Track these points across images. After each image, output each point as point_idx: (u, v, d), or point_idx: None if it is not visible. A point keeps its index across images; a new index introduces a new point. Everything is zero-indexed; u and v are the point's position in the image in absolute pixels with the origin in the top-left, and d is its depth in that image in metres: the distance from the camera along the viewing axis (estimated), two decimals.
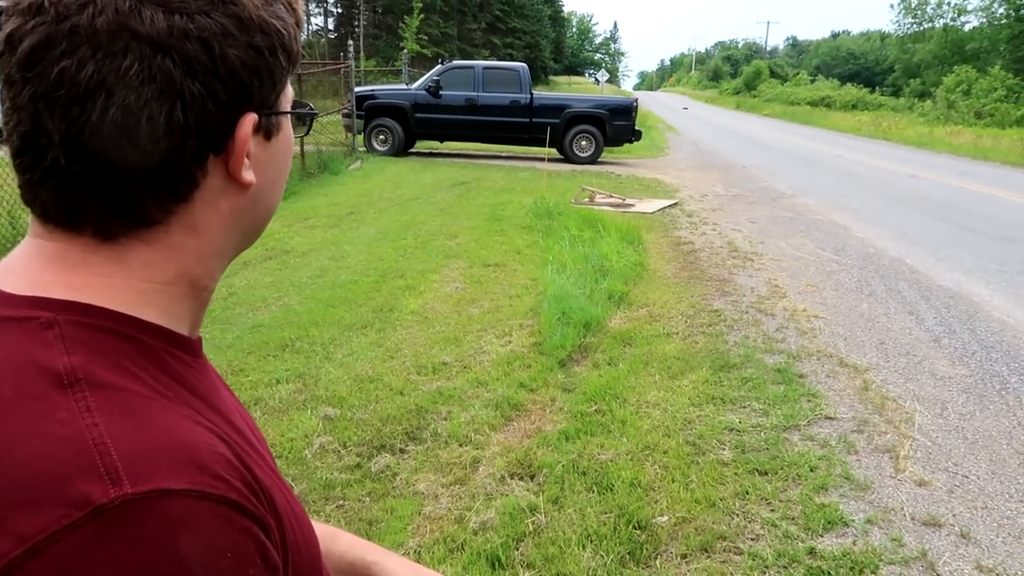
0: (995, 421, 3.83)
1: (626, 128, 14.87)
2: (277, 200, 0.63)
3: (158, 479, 0.44)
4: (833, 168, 15.89)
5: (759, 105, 48.77)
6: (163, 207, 0.52)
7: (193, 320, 0.58)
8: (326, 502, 2.86)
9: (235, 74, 0.52)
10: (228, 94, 0.52)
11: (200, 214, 0.54)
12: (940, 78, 34.91)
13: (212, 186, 0.54)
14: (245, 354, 4.27)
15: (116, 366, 0.49)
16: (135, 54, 0.48)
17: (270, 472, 0.55)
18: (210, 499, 0.45)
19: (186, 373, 0.54)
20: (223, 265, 0.60)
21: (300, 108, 0.63)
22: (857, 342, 4.93)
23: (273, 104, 0.57)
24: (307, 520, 0.61)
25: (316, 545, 0.61)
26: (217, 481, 0.46)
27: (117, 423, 0.45)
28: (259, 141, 0.57)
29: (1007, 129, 25.37)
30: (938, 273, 6.87)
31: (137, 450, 0.45)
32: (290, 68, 0.57)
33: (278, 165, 0.60)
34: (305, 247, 7.02)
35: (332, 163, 12.14)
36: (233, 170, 0.54)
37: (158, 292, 0.54)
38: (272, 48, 0.54)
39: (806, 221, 9.39)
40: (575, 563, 2.52)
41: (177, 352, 0.54)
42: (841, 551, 2.67)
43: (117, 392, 0.48)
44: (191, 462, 0.46)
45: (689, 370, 4.28)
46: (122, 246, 0.53)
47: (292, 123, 0.63)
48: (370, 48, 39.43)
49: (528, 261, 6.63)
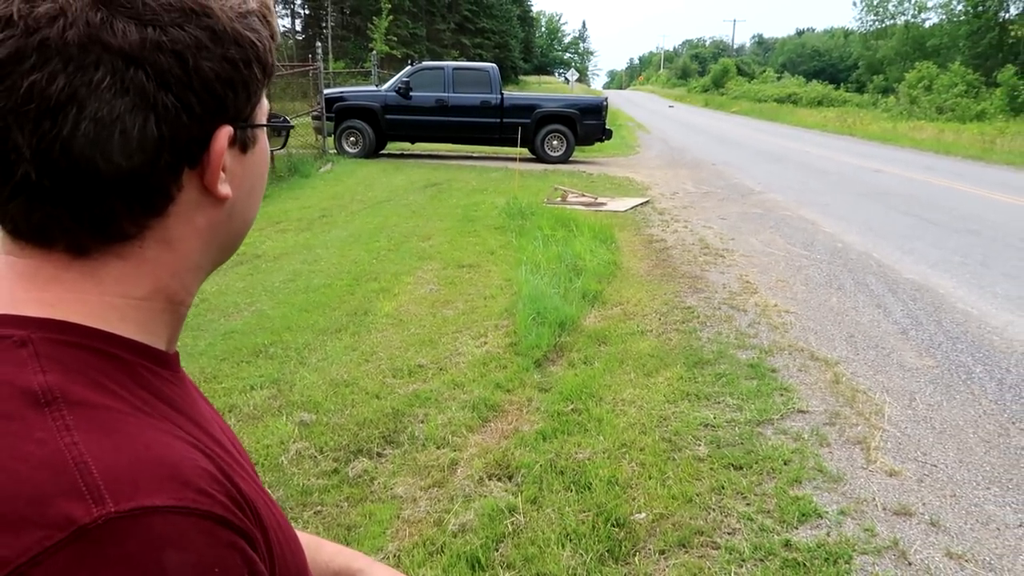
0: (962, 410, 3.91)
1: (597, 127, 14.93)
2: (254, 213, 0.62)
3: (141, 496, 0.43)
4: (801, 164, 16.11)
5: (727, 102, 49.27)
6: (137, 222, 0.52)
7: (170, 335, 0.58)
8: (304, 508, 2.85)
9: (209, 87, 0.51)
10: (203, 107, 0.51)
11: (175, 228, 0.54)
12: (902, 74, 35.50)
13: (187, 200, 0.53)
14: (218, 361, 4.23)
15: (93, 383, 0.48)
16: (107, 67, 0.47)
17: (253, 484, 0.55)
18: (194, 515, 0.45)
19: (165, 388, 0.53)
20: (200, 280, 0.59)
21: (276, 120, 0.62)
22: (827, 336, 5.01)
23: (249, 117, 0.56)
24: (292, 530, 0.60)
25: (302, 555, 0.61)
26: (201, 496, 0.46)
27: (97, 441, 0.45)
28: (235, 154, 0.56)
29: (968, 123, 25.90)
30: (904, 266, 7.01)
31: (118, 468, 0.44)
32: (266, 80, 0.57)
33: (254, 178, 0.60)
34: (277, 251, 6.96)
35: (302, 166, 12.06)
36: (209, 184, 0.54)
37: (134, 308, 0.53)
38: (247, 60, 0.53)
39: (775, 217, 9.51)
40: (555, 562, 2.54)
41: (155, 367, 0.54)
42: (816, 542, 2.71)
43: (95, 409, 0.47)
44: (174, 478, 0.45)
45: (664, 367, 4.32)
46: (96, 261, 0.52)
47: (268, 135, 0.62)
48: (339, 49, 39.14)
49: (502, 261, 6.64)
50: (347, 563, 0.82)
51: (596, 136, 15.10)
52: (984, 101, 28.80)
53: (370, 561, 0.84)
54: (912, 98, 31.65)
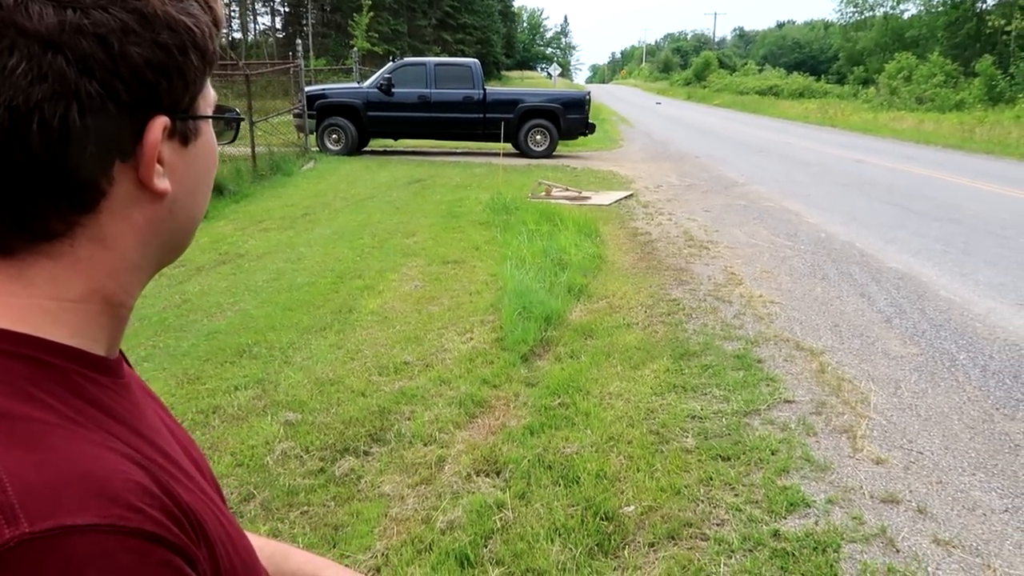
0: (946, 397, 3.94)
1: (580, 121, 14.93)
2: (199, 210, 0.58)
3: (60, 515, 0.40)
4: (783, 156, 16.18)
5: (709, 95, 49.39)
6: (65, 219, 0.49)
7: (110, 339, 0.54)
8: (290, 508, 2.82)
9: (138, 73, 0.48)
10: (131, 95, 0.48)
11: (109, 226, 0.51)
12: (882, 65, 35.72)
13: (121, 195, 0.50)
14: (201, 362, 4.18)
15: (17, 392, 0.45)
16: (22, 52, 0.44)
17: (202, 497, 0.52)
18: (121, 532, 0.42)
19: (103, 396, 0.50)
20: (142, 280, 0.56)
21: (223, 113, 0.59)
22: (812, 325, 5.03)
23: (188, 107, 0.53)
24: (246, 543, 0.57)
25: (257, 570, 0.58)
26: (130, 512, 0.43)
27: (15, 456, 0.42)
28: (174, 147, 0.53)
29: (947, 113, 26.12)
30: (887, 255, 7.05)
31: (37, 485, 0.41)
32: (206, 69, 0.53)
33: (197, 173, 0.56)
34: (260, 250, 6.90)
35: (284, 164, 11.97)
36: (144, 178, 0.51)
37: (68, 311, 0.50)
38: (182, 46, 0.50)
39: (759, 209, 9.54)
40: (544, 557, 2.53)
41: (92, 374, 0.51)
42: (804, 532, 2.72)
43: (16, 421, 0.44)
44: (99, 493, 0.43)
45: (650, 360, 4.31)
46: (23, 262, 0.49)
47: (217, 129, 0.59)
48: (319, 47, 38.91)
49: (487, 257, 6.62)
50: (316, 572, 0.79)
51: (579, 130, 15.10)
52: (963, 91, 29.03)
53: (340, 568, 0.82)
54: (892, 89, 31.87)
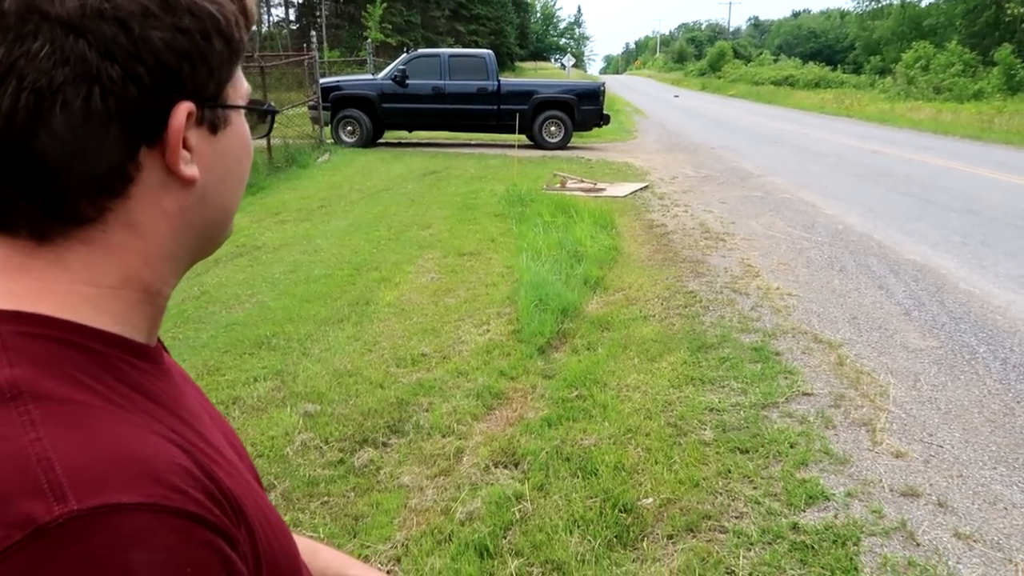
0: (966, 391, 3.91)
1: (594, 112, 14.86)
2: (232, 201, 0.59)
3: (106, 494, 0.42)
4: (799, 147, 16.06)
5: (724, 86, 49.05)
6: (95, 203, 0.50)
7: (150, 327, 0.56)
8: (310, 499, 2.84)
9: (160, 57, 0.49)
10: (153, 78, 0.49)
11: (140, 211, 0.52)
12: (899, 54, 35.28)
13: (150, 181, 0.51)
14: (221, 353, 4.21)
15: (64, 377, 0.47)
16: (45, 36, 0.45)
17: (240, 480, 0.53)
18: (165, 512, 0.43)
19: (144, 380, 0.52)
20: (177, 270, 0.57)
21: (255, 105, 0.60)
22: (830, 318, 5.00)
23: (216, 95, 0.54)
24: (285, 529, 0.58)
25: (295, 556, 0.59)
26: (173, 492, 0.44)
27: (62, 437, 0.43)
28: (203, 134, 0.54)
29: (965, 103, 25.78)
30: (905, 247, 6.99)
31: (84, 464, 0.43)
32: (231, 57, 0.54)
33: (228, 162, 0.57)
34: (276, 242, 6.94)
35: (300, 156, 12.00)
36: (170, 163, 0.51)
37: (106, 297, 0.52)
38: (204, 32, 0.51)
39: (775, 200, 9.48)
40: (563, 549, 2.54)
41: (133, 360, 0.52)
42: (823, 525, 2.71)
43: (63, 404, 0.45)
44: (144, 474, 0.44)
45: (667, 352, 4.31)
46: (60, 248, 0.50)
47: (251, 122, 0.60)
48: (333, 38, 38.93)
49: (503, 249, 6.62)
50: (341, 569, 0.81)
51: (594, 121, 15.03)
52: (981, 80, 28.63)
53: (365, 567, 0.83)
54: (909, 78, 31.49)
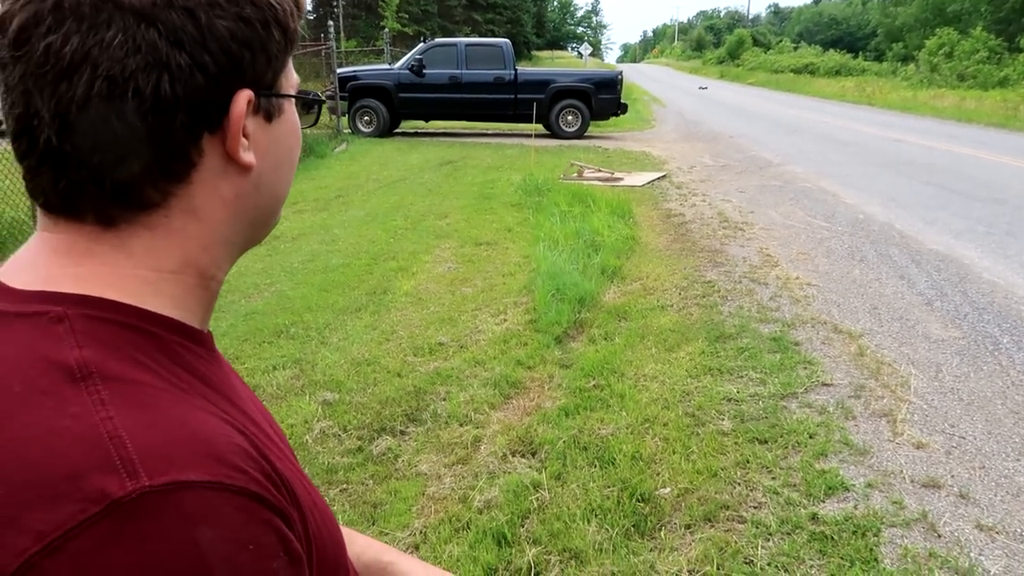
0: (989, 382, 3.86)
1: (612, 101, 14.79)
2: (283, 189, 0.61)
3: (175, 471, 0.43)
4: (819, 135, 15.89)
5: (743, 74, 48.60)
6: (159, 188, 0.51)
7: (204, 312, 0.57)
8: (329, 486, 2.86)
9: (224, 45, 0.50)
10: (218, 66, 0.50)
11: (200, 197, 0.53)
12: (922, 41, 34.71)
13: (210, 167, 0.53)
14: (240, 342, 4.25)
15: (129, 359, 0.48)
16: (118, 25, 0.47)
17: (290, 464, 0.54)
18: (229, 490, 0.44)
19: (199, 365, 0.53)
20: (231, 256, 0.59)
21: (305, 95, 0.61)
22: (850, 308, 4.95)
23: (272, 84, 0.55)
24: (330, 514, 0.60)
25: (340, 540, 0.61)
26: (235, 472, 0.45)
27: (131, 416, 0.45)
28: (259, 122, 0.55)
29: (990, 91, 25.36)
30: (927, 236, 6.90)
31: (153, 442, 0.44)
32: (287, 47, 0.56)
33: (281, 150, 0.59)
34: (295, 232, 6.97)
35: (317, 146, 12.04)
36: (231, 150, 0.53)
37: (167, 281, 0.53)
38: (264, 21, 0.52)
39: (795, 189, 9.39)
40: (580, 537, 2.54)
41: (190, 344, 0.53)
42: (843, 515, 2.69)
43: (130, 385, 0.47)
44: (208, 453, 0.45)
45: (685, 342, 4.29)
46: (125, 232, 0.52)
47: (299, 112, 0.61)
48: (350, 28, 38.95)
49: (520, 238, 6.61)
50: (377, 556, 0.82)
51: (611, 111, 14.96)
52: (1007, 67, 28.11)
53: (400, 553, 0.84)
54: (932, 66, 31.01)
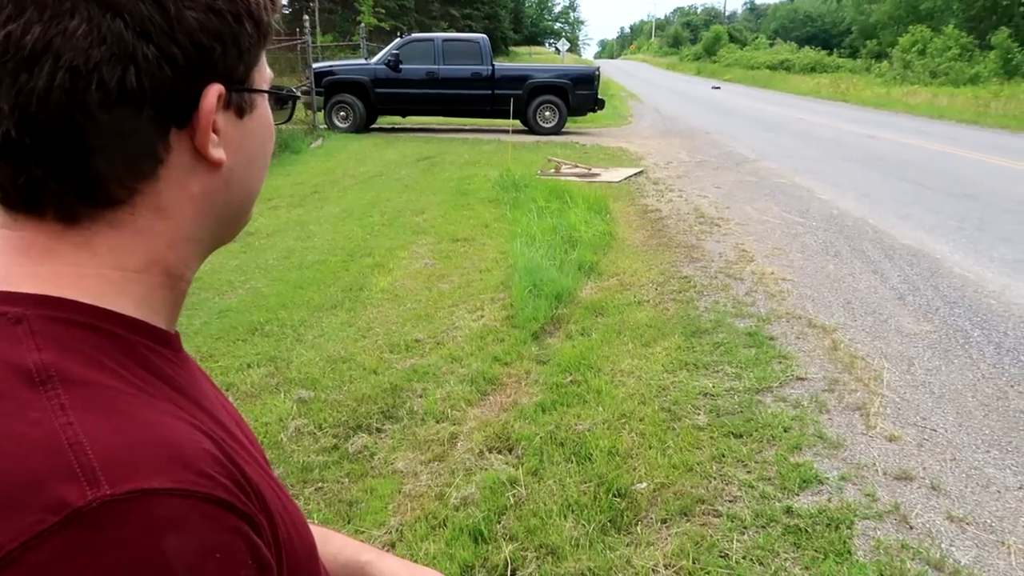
0: (960, 375, 3.92)
1: (589, 97, 14.80)
2: (255, 186, 0.59)
3: (139, 478, 0.41)
4: (794, 131, 16.02)
5: (719, 70, 48.87)
6: (125, 184, 0.50)
7: (170, 312, 0.55)
8: (304, 485, 2.84)
9: (194, 38, 0.49)
10: (187, 59, 0.49)
11: (168, 194, 0.51)
12: (896, 38, 35.09)
13: (179, 163, 0.51)
14: (214, 340, 4.20)
15: (91, 362, 0.46)
16: (83, 14, 0.45)
17: (259, 468, 0.53)
18: (195, 497, 0.43)
19: (167, 368, 0.51)
20: (200, 254, 0.57)
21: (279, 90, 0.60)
22: (825, 303, 5.00)
23: (244, 79, 0.54)
24: (302, 518, 0.58)
25: (312, 544, 0.59)
26: (202, 478, 0.44)
27: (93, 421, 0.43)
28: (230, 118, 0.54)
29: (961, 87, 25.71)
30: (900, 232, 6.99)
31: (115, 449, 0.42)
32: (260, 41, 0.54)
33: (253, 147, 0.57)
34: (269, 228, 6.91)
35: (293, 142, 11.94)
36: (200, 145, 0.51)
37: (132, 281, 0.51)
38: (236, 14, 0.51)
39: (770, 185, 9.47)
40: (557, 533, 2.54)
41: (156, 346, 0.52)
42: (817, 508, 2.72)
43: (92, 389, 0.45)
44: (174, 459, 0.43)
45: (661, 337, 4.30)
46: (88, 231, 0.50)
47: (272, 108, 0.60)
48: (326, 23, 38.60)
49: (497, 234, 6.60)
50: (355, 555, 0.80)
51: (589, 107, 14.98)
52: (978, 64, 28.53)
53: (379, 552, 0.83)
54: (905, 63, 31.39)
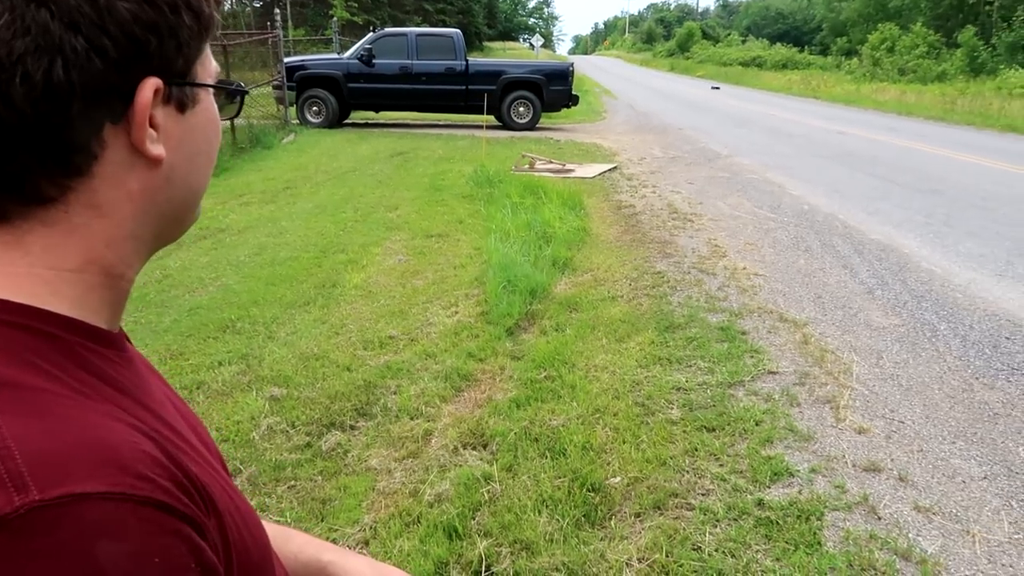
0: (927, 367, 3.99)
1: (563, 93, 14.83)
2: (199, 183, 0.57)
3: (71, 483, 0.40)
4: (766, 128, 16.18)
5: (692, 67, 49.17)
6: (56, 182, 0.48)
7: (111, 312, 0.54)
8: (277, 483, 2.82)
9: (126, 29, 0.47)
10: (119, 51, 0.47)
11: (104, 192, 0.50)
12: (865, 36, 35.61)
13: (115, 160, 0.49)
14: (184, 337, 4.14)
15: (23, 363, 0.45)
16: (4, 4, 0.44)
17: (208, 468, 0.52)
18: (132, 501, 0.42)
19: (107, 368, 0.50)
20: (141, 253, 0.55)
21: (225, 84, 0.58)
22: (796, 297, 5.06)
23: (185, 72, 0.52)
24: (255, 517, 0.57)
25: (266, 544, 0.58)
26: (140, 481, 0.43)
27: (23, 425, 0.42)
28: (170, 113, 0.52)
29: (929, 85, 26.17)
30: (869, 227, 7.09)
31: (46, 453, 0.41)
32: (201, 32, 0.52)
33: (196, 143, 0.55)
34: (241, 225, 6.83)
35: (264, 137, 11.81)
36: (136, 141, 0.50)
37: (66, 281, 0.50)
38: (173, 5, 0.49)
39: (742, 181, 9.55)
40: (532, 529, 2.54)
41: (95, 346, 0.50)
42: (788, 500, 2.75)
43: (24, 391, 0.44)
44: (110, 462, 0.42)
45: (635, 332, 4.33)
46: (20, 229, 0.48)
47: (220, 102, 0.58)
48: (298, 17, 38.21)
49: (471, 230, 6.59)
50: (316, 554, 0.79)
51: (563, 102, 15.00)
52: (945, 62, 29.07)
53: (342, 551, 0.81)
54: (875, 60, 31.87)
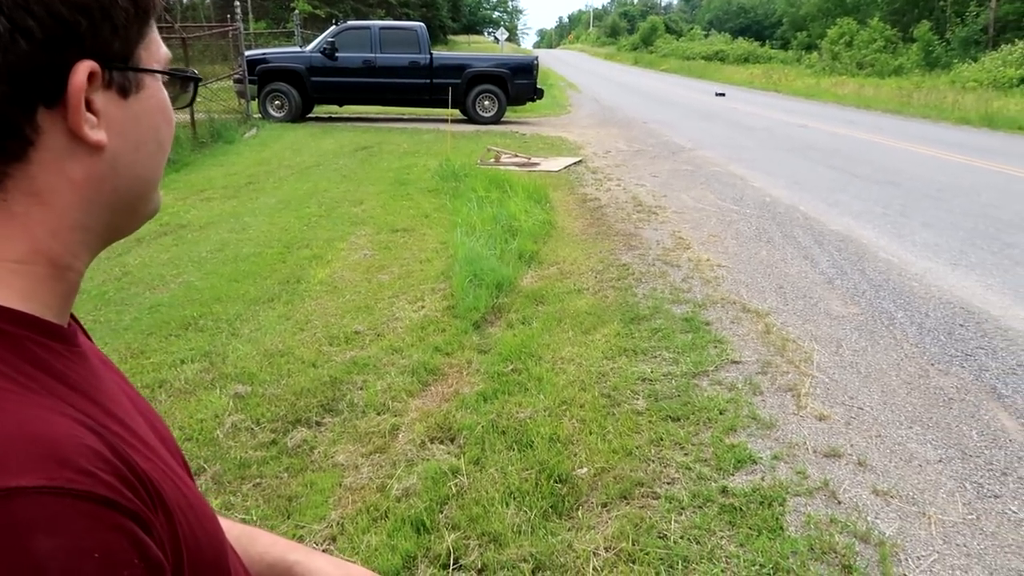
0: (885, 355, 4.08)
1: (528, 87, 14.83)
2: (149, 171, 0.55)
3: (6, 477, 0.40)
4: (729, 121, 16.36)
5: (656, 61, 49.51)
6: None
7: (61, 305, 0.53)
8: (242, 481, 2.79)
9: (52, 9, 0.46)
10: (45, 32, 0.46)
11: (43, 178, 0.49)
12: (824, 30, 36.15)
13: (52, 146, 0.48)
14: (145, 335, 4.08)
15: None
16: None
17: (161, 465, 0.51)
18: (70, 495, 0.41)
19: (56, 362, 0.49)
20: (89, 243, 0.53)
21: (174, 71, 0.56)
22: (758, 288, 5.14)
23: (125, 56, 0.51)
24: (209, 513, 0.57)
25: (221, 540, 0.58)
26: (80, 475, 0.42)
27: None
28: (111, 98, 0.51)
29: (886, 78, 26.69)
30: (829, 218, 7.22)
31: None
32: (140, 15, 0.51)
33: (141, 130, 0.54)
34: (202, 221, 6.73)
35: (226, 131, 11.64)
36: (74, 126, 0.48)
37: (13, 272, 0.49)
38: None
39: (706, 173, 9.65)
40: (499, 521, 2.55)
41: (44, 340, 0.49)
42: (751, 487, 2.80)
43: None
44: (48, 456, 0.42)
45: (601, 324, 4.36)
46: None
47: (173, 91, 0.57)
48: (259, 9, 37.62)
49: (437, 224, 6.57)
50: (282, 555, 0.78)
51: (528, 96, 15.00)
52: (901, 56, 29.65)
53: (307, 551, 0.81)
54: (834, 54, 32.37)
